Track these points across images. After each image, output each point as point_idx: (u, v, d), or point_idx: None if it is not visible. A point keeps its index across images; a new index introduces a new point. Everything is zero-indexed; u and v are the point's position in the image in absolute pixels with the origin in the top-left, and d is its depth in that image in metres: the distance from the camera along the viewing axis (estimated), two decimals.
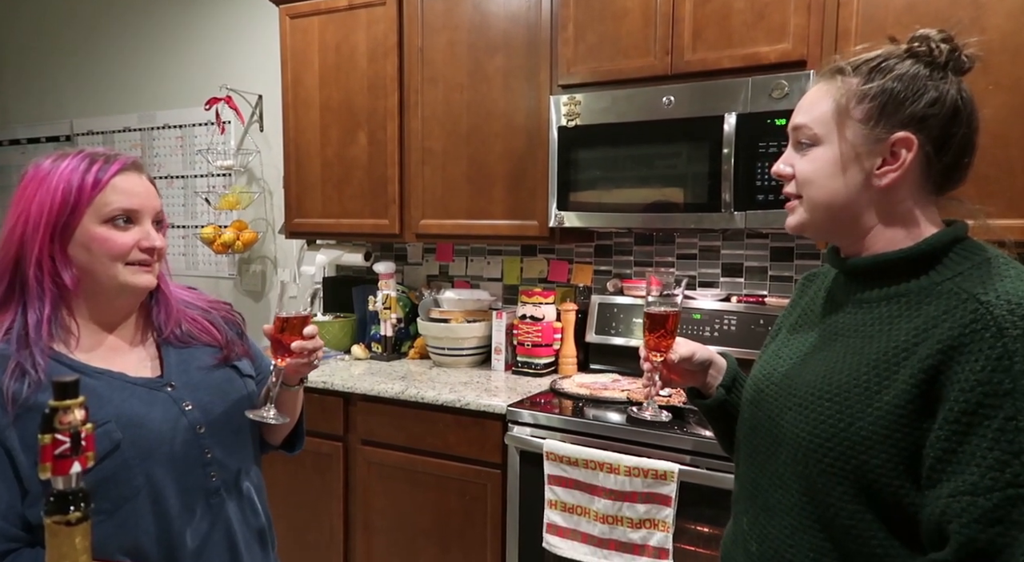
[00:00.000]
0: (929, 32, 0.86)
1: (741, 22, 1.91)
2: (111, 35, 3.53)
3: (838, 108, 0.85)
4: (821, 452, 0.82)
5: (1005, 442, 0.71)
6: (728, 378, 1.08)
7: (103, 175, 0.98)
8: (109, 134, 3.58)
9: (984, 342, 0.73)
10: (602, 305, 2.42)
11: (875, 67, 0.85)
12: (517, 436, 1.97)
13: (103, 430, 0.94)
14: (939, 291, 0.81)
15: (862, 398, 0.80)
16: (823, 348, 0.90)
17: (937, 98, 0.83)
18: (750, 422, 0.97)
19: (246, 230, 3.06)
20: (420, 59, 2.42)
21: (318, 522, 2.37)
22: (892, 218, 0.86)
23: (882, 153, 0.84)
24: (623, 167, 2.07)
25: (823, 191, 0.86)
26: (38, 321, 0.95)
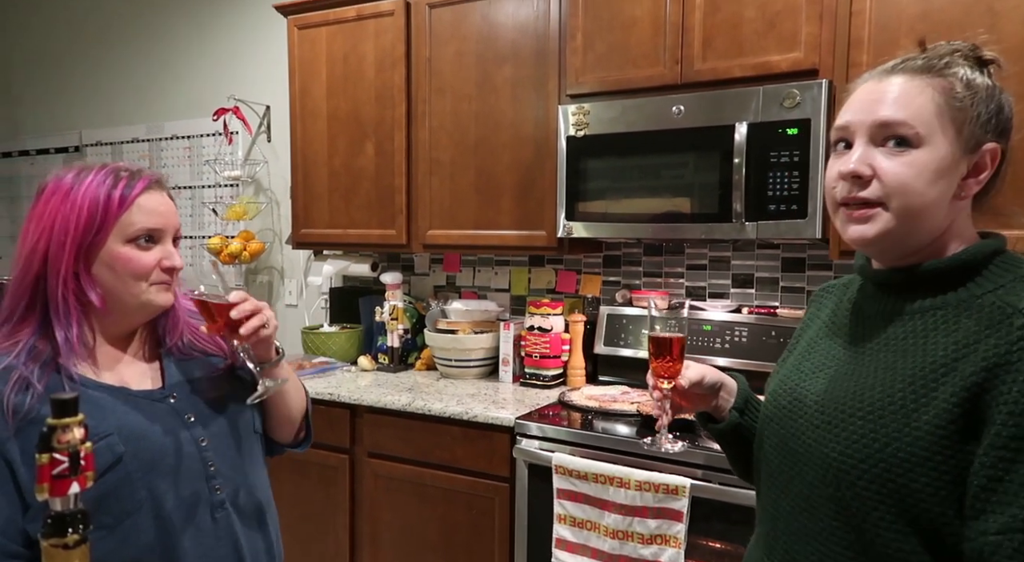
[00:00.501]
0: (959, 44, 0.84)
1: (752, 31, 1.89)
2: (120, 46, 3.55)
3: (944, 110, 0.79)
4: (856, 473, 0.78)
5: None
6: (740, 400, 1.03)
7: (128, 193, 0.97)
8: (118, 145, 3.60)
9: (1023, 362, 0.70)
10: (611, 316, 2.40)
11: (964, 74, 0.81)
12: (525, 449, 1.94)
13: (105, 443, 0.93)
14: (979, 304, 0.77)
15: (898, 416, 0.77)
16: (851, 362, 0.86)
17: (1008, 108, 0.82)
18: (771, 441, 0.92)
19: (253, 240, 3.06)
20: (428, 69, 2.41)
21: (324, 535, 2.34)
22: (955, 228, 0.82)
23: (972, 163, 0.81)
24: (632, 177, 2.05)
25: (920, 199, 0.79)
26: (66, 339, 0.95)
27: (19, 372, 0.92)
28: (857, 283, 0.93)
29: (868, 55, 1.76)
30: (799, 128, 1.81)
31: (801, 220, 1.82)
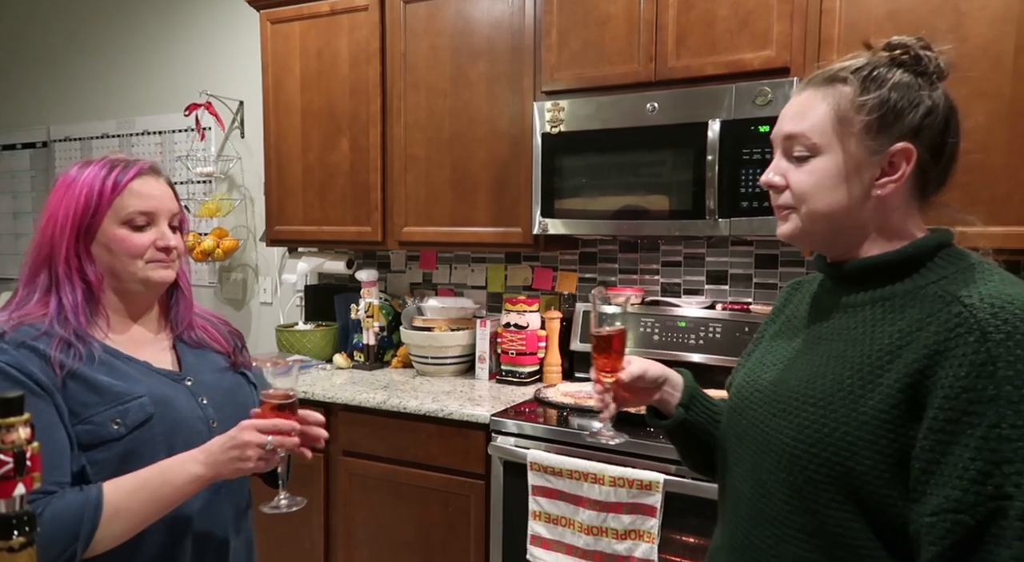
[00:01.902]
0: (908, 40, 0.85)
1: (725, 29, 1.90)
2: (89, 40, 3.48)
3: (837, 117, 0.83)
4: (806, 458, 0.81)
5: (988, 451, 0.70)
6: (686, 397, 1.04)
7: (121, 179, 1.05)
8: (87, 140, 3.53)
9: (968, 346, 0.72)
10: (587, 313, 2.40)
11: (868, 76, 0.83)
12: (501, 446, 1.94)
13: (138, 403, 1.02)
14: (923, 294, 0.80)
15: (846, 403, 0.80)
16: (807, 353, 0.89)
17: (932, 108, 0.83)
18: (734, 430, 0.95)
19: (227, 238, 3.02)
20: (403, 65, 2.40)
21: (298, 535, 2.32)
22: (885, 226, 0.85)
23: (881, 164, 0.83)
24: (607, 174, 2.05)
25: (824, 203, 0.84)
26: (73, 306, 1.04)
27: (59, 335, 1.00)
28: (819, 278, 0.96)
29: (838, 54, 1.77)
30: (771, 125, 1.81)
31: (773, 216, 1.83)
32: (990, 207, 1.66)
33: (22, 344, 0.98)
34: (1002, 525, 0.68)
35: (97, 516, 0.92)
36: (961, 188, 1.74)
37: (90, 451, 0.98)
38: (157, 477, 0.98)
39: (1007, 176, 1.64)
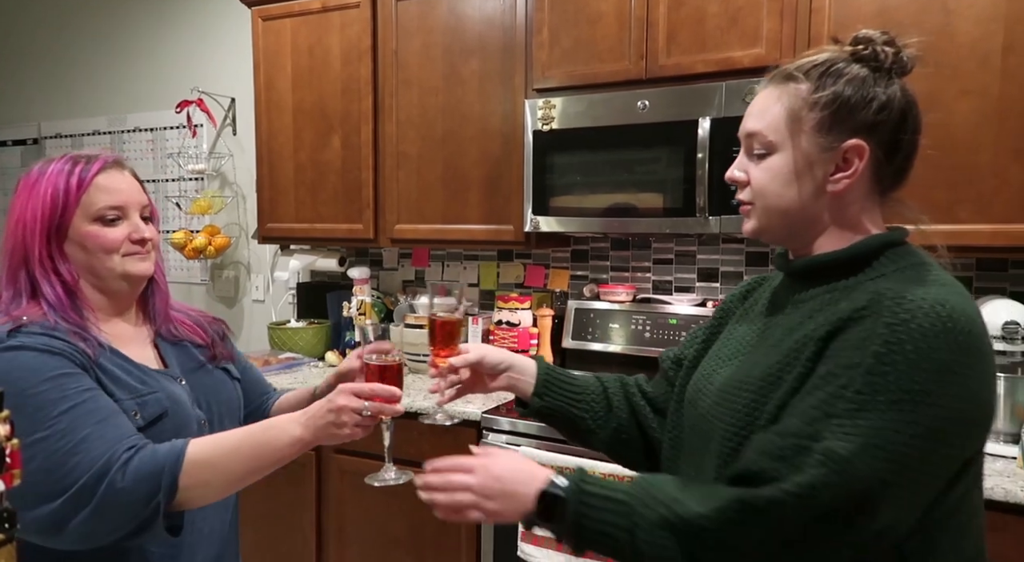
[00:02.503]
0: (872, 33, 0.86)
1: (715, 27, 1.91)
2: (80, 36, 3.47)
3: (791, 115, 0.84)
4: (736, 441, 0.83)
5: (826, 405, 0.74)
6: (539, 386, 1.08)
7: (85, 175, 1.04)
8: (78, 137, 3.51)
9: (861, 325, 0.76)
10: (579, 310, 2.40)
11: (825, 72, 0.84)
12: (492, 443, 1.94)
13: (155, 398, 1.02)
14: (861, 289, 0.82)
15: (774, 387, 0.82)
16: (756, 346, 0.91)
17: (886, 103, 0.83)
18: (689, 422, 0.97)
19: (219, 235, 3.01)
20: (395, 62, 2.39)
21: (291, 532, 2.32)
22: (841, 222, 0.87)
23: (835, 160, 0.84)
24: (598, 171, 2.06)
25: (779, 199, 0.86)
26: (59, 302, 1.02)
27: (69, 328, 0.99)
28: (780, 276, 0.97)
29: None
30: None
31: None
32: (977, 205, 1.67)
33: (43, 334, 0.97)
34: (805, 457, 0.72)
35: (177, 467, 0.90)
36: (948, 186, 1.77)
37: None
38: (260, 435, 0.95)
39: (993, 174, 1.65)
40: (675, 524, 0.75)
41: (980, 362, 0.75)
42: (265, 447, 0.94)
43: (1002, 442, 1.66)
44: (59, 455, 0.88)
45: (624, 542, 0.77)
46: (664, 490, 0.79)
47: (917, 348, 0.72)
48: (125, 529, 0.88)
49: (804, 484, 0.71)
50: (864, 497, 0.71)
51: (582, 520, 0.79)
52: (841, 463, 0.70)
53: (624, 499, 0.78)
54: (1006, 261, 1.91)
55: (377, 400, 0.96)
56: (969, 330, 0.74)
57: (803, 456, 0.72)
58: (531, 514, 0.83)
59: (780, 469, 0.73)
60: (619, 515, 0.78)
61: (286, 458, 0.96)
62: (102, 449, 0.89)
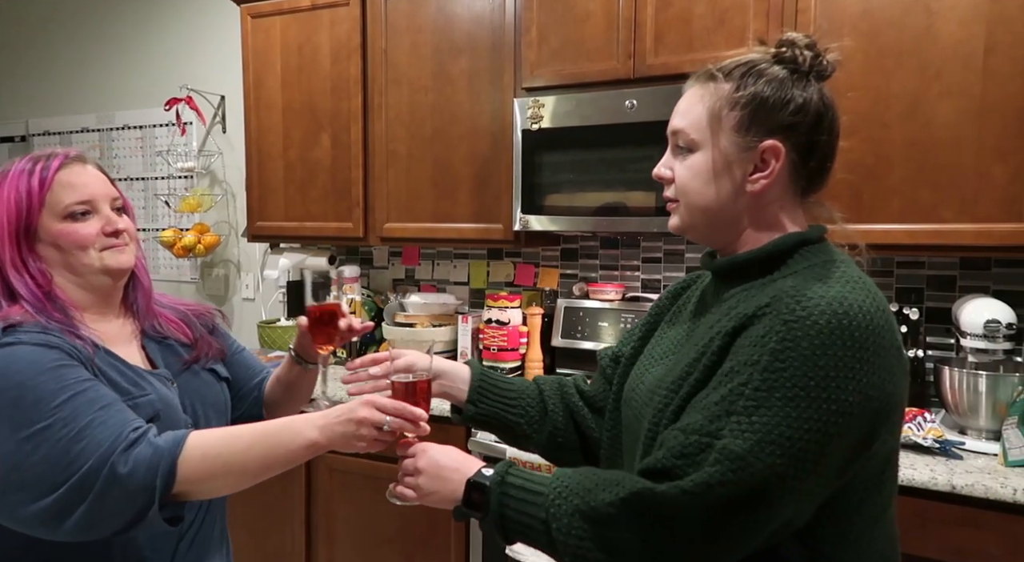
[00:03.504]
0: (795, 36, 0.87)
1: (702, 27, 1.91)
2: (69, 33, 3.44)
3: (711, 114, 0.86)
4: (652, 437, 0.84)
5: (727, 402, 0.76)
6: (473, 393, 1.08)
7: (47, 174, 1.01)
8: (66, 135, 3.49)
9: (761, 323, 0.78)
10: (568, 309, 2.41)
11: (746, 72, 0.85)
12: (481, 441, 1.95)
13: (147, 400, 1.00)
14: (774, 287, 0.83)
15: (684, 382, 0.83)
16: (680, 345, 0.93)
17: (801, 105, 0.84)
18: (625, 422, 0.98)
19: (208, 233, 3.00)
20: (384, 60, 2.39)
21: (280, 530, 2.32)
22: (761, 222, 0.88)
23: (753, 160, 0.85)
24: (587, 170, 2.06)
25: (699, 197, 0.88)
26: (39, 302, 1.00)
27: (59, 327, 0.98)
28: (709, 277, 0.98)
29: None
30: None
31: None
32: (960, 205, 1.68)
33: (39, 332, 0.95)
34: (705, 455, 0.75)
35: (176, 454, 0.88)
36: (932, 186, 1.78)
37: None
38: (274, 435, 0.93)
39: (977, 174, 1.67)
40: (586, 513, 0.78)
41: (879, 356, 0.76)
42: (278, 448, 0.92)
43: (984, 439, 1.68)
44: (63, 443, 0.87)
45: (541, 532, 0.80)
46: (580, 480, 0.81)
47: (812, 345, 0.74)
48: (125, 517, 0.87)
49: (699, 482, 0.73)
50: (762, 491, 0.73)
51: (504, 511, 0.83)
52: (736, 460, 0.72)
53: (541, 490, 0.82)
54: (989, 260, 1.93)
55: (401, 417, 0.94)
56: (866, 326, 0.75)
57: (703, 454, 0.75)
58: (459, 502, 0.87)
59: (681, 466, 0.75)
60: (536, 506, 0.81)
61: (299, 460, 0.94)
62: (106, 435, 0.88)
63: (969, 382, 1.69)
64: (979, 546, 1.47)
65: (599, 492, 0.78)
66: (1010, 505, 1.44)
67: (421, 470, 0.91)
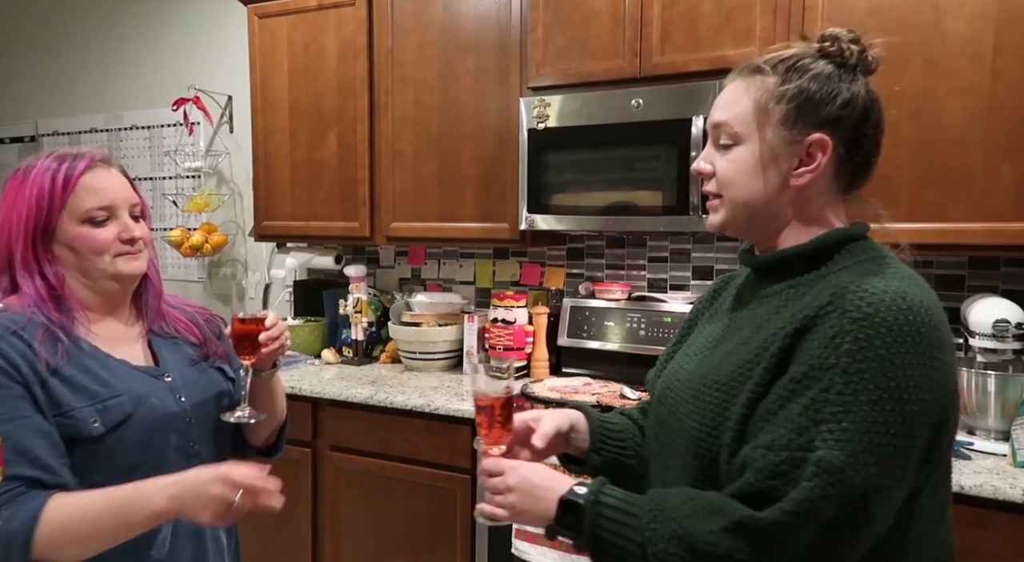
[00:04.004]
0: (839, 31, 0.87)
1: (708, 25, 1.91)
2: (77, 34, 3.46)
3: (758, 107, 0.86)
4: (709, 441, 0.83)
5: (812, 411, 0.74)
6: (595, 441, 1.04)
7: (71, 175, 1.01)
8: (75, 135, 3.51)
9: (828, 322, 0.76)
10: (574, 308, 2.41)
11: (791, 67, 0.85)
12: None
13: (116, 402, 1.00)
14: (823, 283, 0.83)
15: (741, 384, 0.82)
16: (722, 342, 0.92)
17: (849, 99, 0.84)
18: (657, 420, 0.97)
19: (215, 233, 3.01)
20: (390, 60, 2.39)
21: (286, 529, 2.33)
22: (804, 216, 0.88)
23: (799, 154, 0.85)
24: (593, 170, 2.06)
25: (743, 191, 0.87)
26: (39, 298, 1.01)
27: (45, 325, 0.98)
28: (746, 272, 0.98)
29: None
30: None
31: None
32: (968, 203, 1.67)
33: (6, 332, 0.95)
34: (801, 470, 0.73)
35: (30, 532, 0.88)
36: (940, 185, 1.77)
37: (68, 446, 0.97)
38: (123, 503, 0.92)
39: (985, 172, 1.66)
40: (684, 538, 0.76)
41: (942, 352, 0.76)
42: (128, 517, 0.91)
43: (992, 439, 1.67)
44: None
45: (637, 556, 0.78)
46: (677, 505, 0.79)
47: (884, 343, 0.73)
48: None
49: (800, 500, 0.71)
50: (862, 504, 0.71)
51: (598, 531, 0.80)
52: (835, 473, 0.71)
53: (637, 512, 0.80)
54: (998, 259, 1.92)
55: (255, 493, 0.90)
56: (929, 321, 0.75)
57: (798, 470, 0.73)
58: (552, 520, 0.84)
59: (777, 486, 0.73)
60: (632, 529, 0.79)
61: (150, 526, 0.93)
62: None
63: (978, 382, 1.68)
64: (987, 547, 1.46)
65: (699, 520, 0.76)
66: (1019, 506, 1.43)
67: (512, 488, 0.87)
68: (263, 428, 1.23)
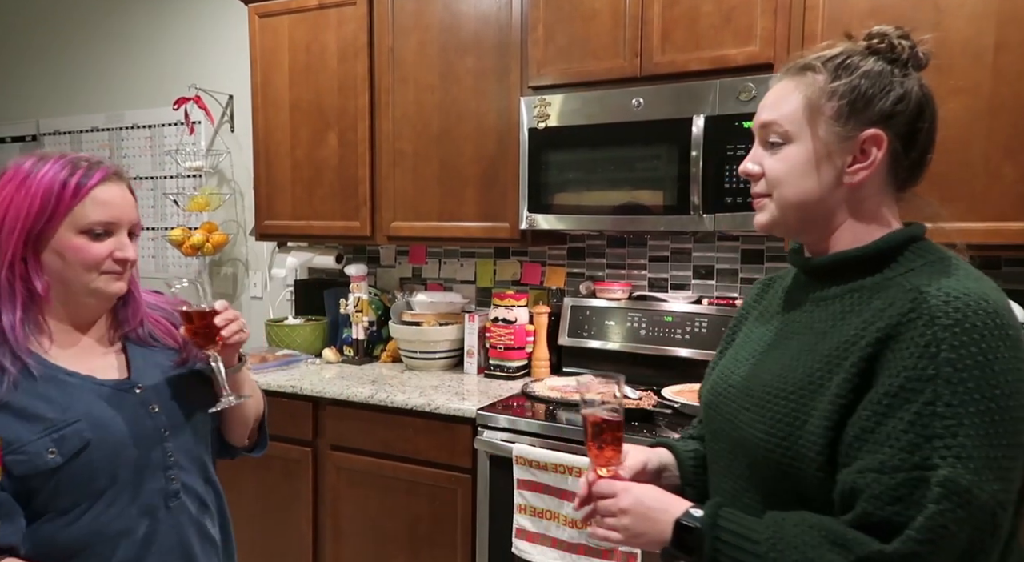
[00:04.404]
0: (887, 29, 0.86)
1: (709, 25, 1.91)
2: (78, 33, 3.47)
3: (809, 105, 0.84)
4: (779, 452, 0.81)
5: (920, 426, 0.71)
6: (688, 474, 1.02)
7: (84, 184, 0.98)
8: (76, 134, 3.52)
9: (916, 330, 0.74)
10: (575, 308, 2.41)
11: (841, 64, 0.84)
12: (487, 440, 1.95)
13: (73, 429, 0.95)
14: (889, 285, 0.81)
15: (815, 394, 0.80)
16: (778, 347, 0.89)
17: (903, 95, 0.83)
18: (709, 427, 0.95)
19: (216, 232, 3.02)
20: (391, 59, 2.39)
21: (286, 528, 2.33)
22: (859, 215, 0.86)
23: (852, 150, 0.83)
24: (593, 169, 2.06)
25: (795, 190, 0.85)
26: (12, 324, 0.96)
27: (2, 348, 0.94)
28: (793, 273, 0.96)
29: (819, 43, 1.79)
30: None
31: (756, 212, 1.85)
32: (969, 203, 1.67)
33: None
34: (923, 492, 0.70)
35: None
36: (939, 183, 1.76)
37: (26, 480, 0.92)
38: None
39: (986, 172, 1.66)
40: None
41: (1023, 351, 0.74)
42: None
43: None
44: None
45: None
46: (798, 533, 0.76)
47: (980, 350, 0.72)
48: None
49: (931, 527, 0.68)
50: (990, 523, 0.69)
51: (717, 556, 0.80)
52: (963, 494, 0.68)
53: (757, 538, 0.78)
54: (999, 259, 1.92)
55: None
56: (1012, 323, 0.74)
57: (921, 491, 0.69)
58: (668, 544, 0.83)
59: (900, 511, 0.70)
60: (753, 556, 0.77)
61: None
62: None
63: None
64: None
65: (824, 552, 0.73)
66: None
67: (626, 510, 0.86)
68: (239, 428, 1.20)
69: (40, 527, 0.95)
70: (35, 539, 0.94)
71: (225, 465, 1.24)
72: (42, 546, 0.95)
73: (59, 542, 0.96)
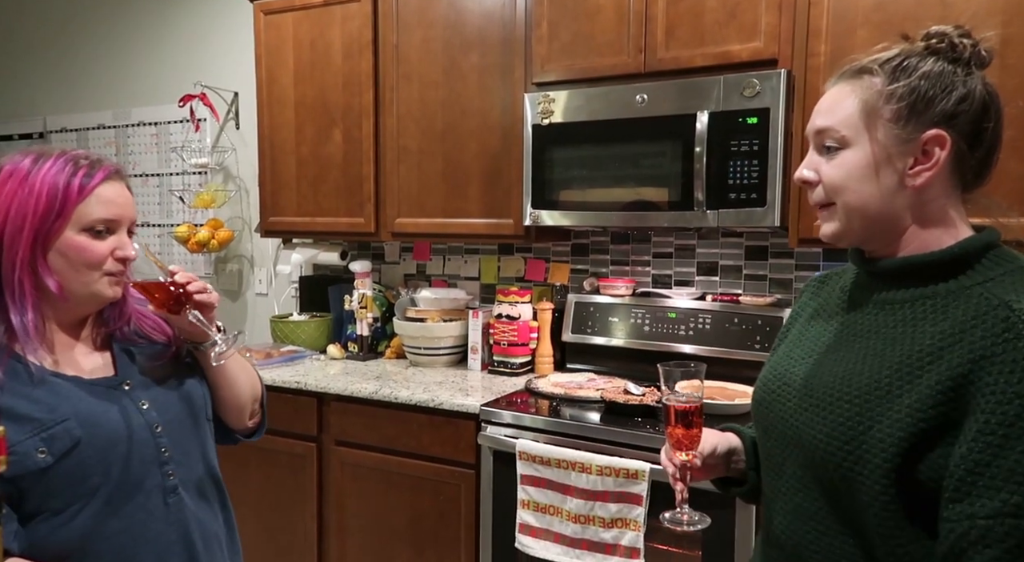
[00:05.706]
0: (945, 28, 0.84)
1: (713, 20, 1.90)
2: (85, 31, 3.48)
3: (866, 109, 0.82)
4: (840, 456, 0.79)
5: None
6: (752, 458, 1.01)
7: (88, 183, 0.97)
8: (83, 131, 3.53)
9: (1017, 351, 0.71)
10: (579, 304, 2.41)
11: (898, 66, 0.82)
12: (491, 436, 1.95)
13: (63, 428, 0.94)
14: (968, 295, 0.78)
15: (883, 401, 0.78)
16: (840, 349, 0.87)
17: (966, 94, 0.81)
18: (761, 424, 0.94)
19: (222, 229, 3.03)
20: (395, 56, 2.40)
21: (291, 524, 2.34)
22: (926, 218, 0.83)
23: (914, 152, 0.81)
24: (597, 165, 2.06)
25: (857, 196, 0.83)
26: (22, 323, 0.96)
27: None
28: (852, 272, 0.94)
29: (826, 45, 1.78)
30: (759, 117, 1.83)
31: (760, 208, 1.85)
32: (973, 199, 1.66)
33: None
34: None
35: None
36: None
37: (16, 481, 0.91)
38: None
39: None
40: None
41: None
42: None
43: None
44: None
45: None
46: None
47: None
48: None
49: None
50: None
51: None
52: None
53: None
54: None
55: None
56: None
57: None
58: None
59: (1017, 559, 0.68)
60: None
61: None
62: None
63: None
64: None
65: None
66: None
67: None
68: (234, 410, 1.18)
69: (36, 527, 0.94)
70: (32, 540, 0.94)
71: (230, 460, 1.24)
72: (40, 546, 0.94)
73: (57, 542, 0.95)
